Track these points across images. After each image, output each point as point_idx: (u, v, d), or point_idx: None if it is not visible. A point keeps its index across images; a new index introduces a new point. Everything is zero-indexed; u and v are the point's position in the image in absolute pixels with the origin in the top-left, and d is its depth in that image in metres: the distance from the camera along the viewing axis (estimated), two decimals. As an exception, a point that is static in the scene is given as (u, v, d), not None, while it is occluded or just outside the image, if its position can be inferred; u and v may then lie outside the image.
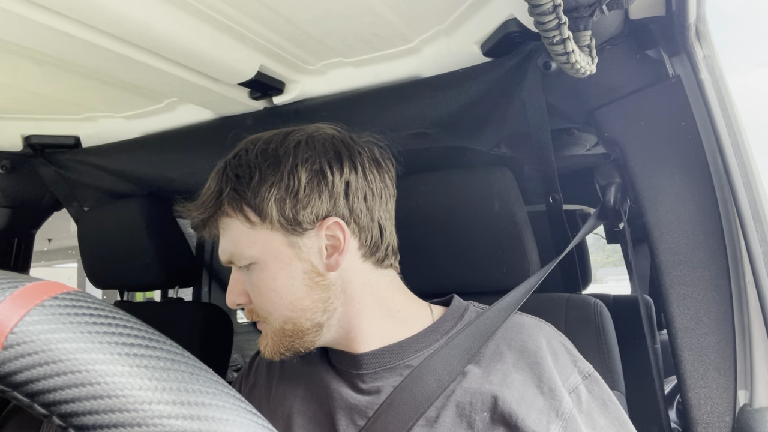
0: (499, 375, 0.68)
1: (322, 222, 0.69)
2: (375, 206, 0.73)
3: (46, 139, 1.35)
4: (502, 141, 1.08)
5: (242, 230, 0.71)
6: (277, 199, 0.68)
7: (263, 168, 0.70)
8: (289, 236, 0.69)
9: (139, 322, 0.29)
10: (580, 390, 0.68)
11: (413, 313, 0.77)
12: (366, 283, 0.73)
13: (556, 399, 0.65)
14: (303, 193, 0.68)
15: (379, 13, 0.84)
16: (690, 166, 0.84)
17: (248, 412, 0.28)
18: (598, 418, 0.66)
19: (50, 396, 0.26)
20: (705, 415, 0.78)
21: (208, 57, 0.90)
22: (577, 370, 0.70)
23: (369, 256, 0.73)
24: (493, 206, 0.95)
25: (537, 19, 0.62)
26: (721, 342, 0.79)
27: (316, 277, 0.70)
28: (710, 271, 0.81)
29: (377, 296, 0.74)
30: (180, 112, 1.21)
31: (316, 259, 0.70)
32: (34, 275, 0.31)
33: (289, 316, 0.70)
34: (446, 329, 0.75)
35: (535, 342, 0.71)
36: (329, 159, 0.71)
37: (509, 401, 0.65)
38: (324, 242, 0.70)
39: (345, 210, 0.70)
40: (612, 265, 10.06)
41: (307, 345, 0.73)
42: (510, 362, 0.70)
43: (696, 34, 0.85)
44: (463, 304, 0.80)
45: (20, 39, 0.80)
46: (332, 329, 0.73)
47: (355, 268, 0.72)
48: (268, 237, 0.70)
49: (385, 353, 0.73)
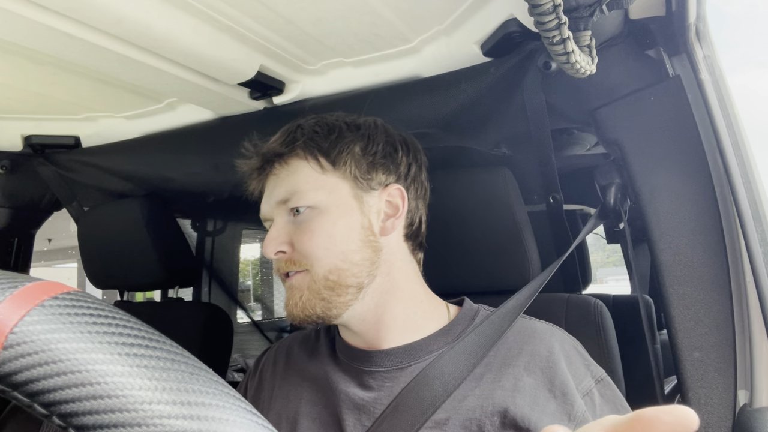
0: (510, 379, 0.68)
1: (387, 186, 0.76)
2: (419, 198, 0.80)
3: (46, 139, 1.35)
4: (502, 141, 1.08)
5: (311, 173, 0.74)
6: (355, 153, 0.75)
7: (344, 128, 0.77)
8: (356, 190, 0.74)
9: (139, 322, 0.29)
10: (594, 394, 0.68)
11: (433, 308, 0.79)
12: (404, 261, 0.78)
13: (569, 403, 0.66)
14: (380, 156, 0.76)
15: (379, 13, 0.84)
16: (690, 166, 0.84)
17: (248, 412, 0.28)
18: None
19: (50, 396, 0.26)
20: (705, 415, 0.78)
21: (208, 57, 0.90)
22: (590, 374, 0.71)
23: (409, 238, 0.79)
24: (493, 206, 0.95)
25: (537, 19, 0.62)
26: (721, 342, 0.79)
27: (370, 235, 0.74)
28: (710, 271, 0.81)
29: (409, 279, 0.77)
30: (180, 112, 1.21)
31: (374, 218, 0.75)
32: (34, 275, 0.31)
33: (337, 265, 0.71)
34: (458, 332, 0.76)
35: (547, 346, 0.71)
36: (400, 142, 0.79)
37: (521, 406, 0.65)
38: (384, 206, 0.75)
39: (405, 186, 0.77)
40: (612, 265, 10.05)
41: (341, 308, 0.72)
42: (521, 366, 0.70)
43: (696, 34, 0.85)
44: (474, 306, 0.80)
45: (20, 39, 0.80)
46: (366, 299, 0.74)
47: (399, 243, 0.77)
48: (337, 184, 0.74)
49: (400, 353, 0.73)
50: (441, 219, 0.98)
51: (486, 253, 0.95)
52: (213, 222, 2.13)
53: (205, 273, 2.19)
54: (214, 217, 2.12)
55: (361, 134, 0.77)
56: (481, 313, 0.78)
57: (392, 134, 0.80)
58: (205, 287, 2.20)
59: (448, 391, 0.68)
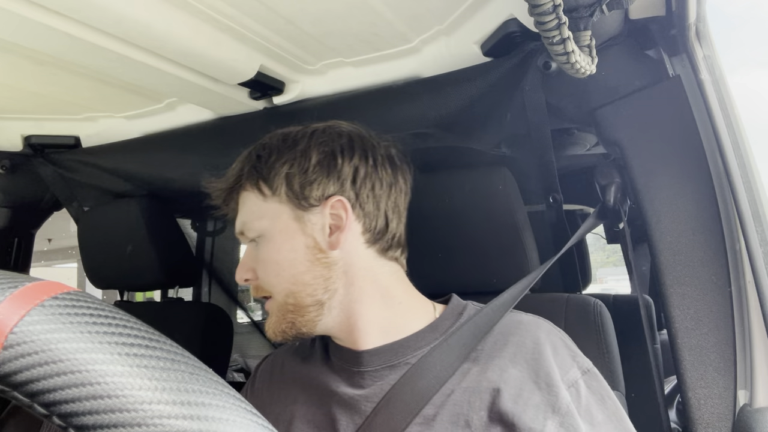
0: (496, 371, 0.69)
1: (327, 200, 0.73)
2: (383, 197, 0.77)
3: (46, 139, 1.35)
4: (502, 141, 1.08)
5: (256, 202, 0.76)
6: (287, 174, 0.74)
7: (281, 148, 0.76)
8: (296, 210, 0.74)
9: (139, 322, 0.29)
10: (579, 385, 0.68)
11: (415, 308, 0.78)
12: (368, 268, 0.75)
13: (553, 394, 0.65)
14: (312, 171, 0.74)
15: (379, 13, 0.84)
16: (690, 166, 0.84)
17: (248, 412, 0.28)
18: (596, 414, 0.66)
19: (50, 396, 0.26)
20: (705, 415, 0.78)
21: (208, 57, 0.90)
22: (576, 365, 0.70)
23: (372, 242, 0.76)
24: (493, 206, 0.95)
25: (537, 19, 0.62)
26: (721, 342, 0.79)
27: (318, 253, 0.73)
28: (710, 271, 0.81)
29: (378, 284, 0.76)
30: (180, 112, 1.21)
31: (319, 235, 0.73)
32: (34, 275, 0.31)
33: (291, 289, 0.73)
34: (446, 327, 0.75)
35: (533, 337, 0.72)
36: (342, 145, 0.76)
37: (506, 398, 0.65)
38: (328, 220, 0.73)
39: (351, 193, 0.74)
40: (612, 265, 10.06)
41: (309, 325, 0.74)
42: (507, 357, 0.70)
43: (696, 34, 0.85)
44: (462, 302, 0.80)
45: (20, 39, 0.80)
46: (333, 312, 0.74)
47: (358, 251, 0.75)
48: (277, 210, 0.74)
49: (387, 351, 0.74)
50: (441, 219, 0.98)
51: (485, 253, 0.95)
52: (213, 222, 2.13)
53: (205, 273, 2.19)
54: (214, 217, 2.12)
55: (293, 152, 0.75)
56: (468, 309, 0.78)
57: (332, 140, 0.76)
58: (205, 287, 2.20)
59: (436, 386, 0.69)
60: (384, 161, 0.78)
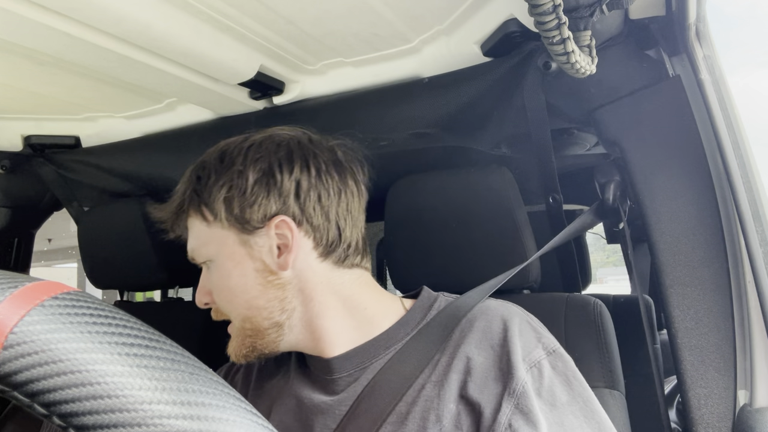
0: (463, 359, 0.67)
1: (270, 221, 0.70)
2: (331, 206, 0.73)
3: (46, 139, 1.35)
4: (502, 141, 1.08)
5: (200, 228, 0.74)
6: (225, 198, 0.70)
7: (218, 169, 0.72)
8: (240, 235, 0.71)
9: (139, 322, 0.29)
10: (543, 365, 0.66)
11: (382, 309, 0.75)
12: (326, 282, 0.73)
13: (510, 375, 0.64)
14: (250, 192, 0.70)
15: (379, 13, 0.84)
16: (690, 165, 0.84)
17: (248, 412, 0.28)
18: (560, 394, 0.64)
19: (50, 396, 0.26)
20: (705, 415, 0.78)
21: (208, 57, 0.90)
22: (541, 345, 0.68)
23: (326, 255, 0.73)
24: (493, 206, 0.95)
25: (537, 19, 0.62)
26: (721, 342, 0.79)
27: (269, 275, 0.71)
28: (710, 271, 0.81)
29: (339, 295, 0.73)
30: (180, 112, 1.21)
31: (267, 257, 0.70)
32: (34, 275, 0.31)
33: (246, 314, 0.71)
34: (416, 321, 0.74)
35: (498, 321, 0.70)
36: (279, 159, 0.71)
37: (472, 387, 0.65)
38: (275, 241, 0.70)
39: (296, 209, 0.71)
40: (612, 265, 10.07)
41: (270, 347, 0.73)
42: (474, 344, 0.68)
43: (696, 34, 0.85)
44: (433, 294, 0.78)
45: (20, 39, 0.80)
46: (295, 330, 0.73)
47: (312, 267, 0.72)
48: (221, 235, 0.71)
49: (356, 354, 0.72)
50: (441, 219, 0.98)
51: (485, 253, 0.95)
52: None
53: (205, 273, 2.18)
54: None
55: (229, 172, 0.71)
56: (439, 300, 0.76)
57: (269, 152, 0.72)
58: (205, 287, 2.20)
59: (408, 382, 0.68)
60: (329, 167, 0.73)
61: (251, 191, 0.70)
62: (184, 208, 0.75)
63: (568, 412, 0.62)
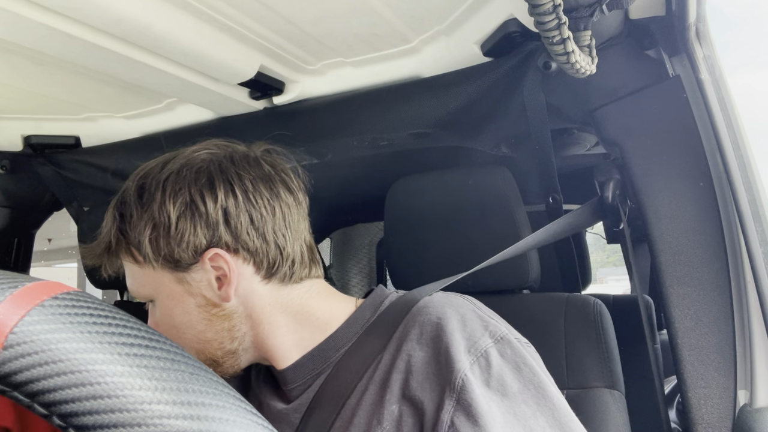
0: (404, 358, 0.64)
1: (203, 255, 0.66)
2: (266, 226, 0.68)
3: (46, 139, 1.35)
4: (502, 141, 1.08)
5: (134, 269, 0.70)
6: (151, 239, 0.66)
7: (138, 205, 0.68)
8: (174, 273, 0.67)
9: (139, 322, 0.29)
10: (490, 353, 0.62)
11: (334, 313, 0.73)
12: (274, 303, 0.70)
13: (449, 370, 0.60)
14: (175, 229, 0.65)
15: (379, 13, 0.84)
16: (690, 165, 0.84)
17: (248, 412, 0.28)
18: (510, 383, 0.60)
19: (50, 396, 0.26)
20: (705, 415, 0.78)
21: (208, 57, 0.90)
22: (488, 333, 0.64)
23: (270, 276, 0.69)
24: (493, 206, 0.95)
25: (537, 19, 0.62)
26: (721, 342, 0.79)
27: (212, 309, 0.68)
28: (710, 271, 0.81)
29: (290, 311, 0.71)
30: (180, 112, 1.21)
31: (208, 291, 0.67)
32: (34, 275, 0.31)
33: (196, 348, 0.69)
34: (363, 321, 0.71)
35: (438, 313, 0.66)
36: (200, 188, 0.67)
37: (413, 386, 0.62)
38: (212, 274, 0.67)
39: (227, 238, 0.66)
40: (612, 265, 10.07)
41: (231, 371, 0.71)
42: (414, 340, 0.65)
43: (696, 34, 0.85)
44: (385, 292, 0.75)
45: (20, 39, 0.80)
46: (249, 351, 0.71)
47: (257, 291, 0.69)
48: (155, 275, 0.68)
49: (307, 361, 0.70)
50: (440, 219, 0.98)
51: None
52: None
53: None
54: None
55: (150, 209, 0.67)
56: (390, 298, 0.73)
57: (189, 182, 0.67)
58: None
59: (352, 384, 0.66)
60: (256, 185, 0.69)
61: (176, 227, 0.65)
62: (112, 249, 0.71)
63: (520, 401, 0.59)
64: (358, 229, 2.14)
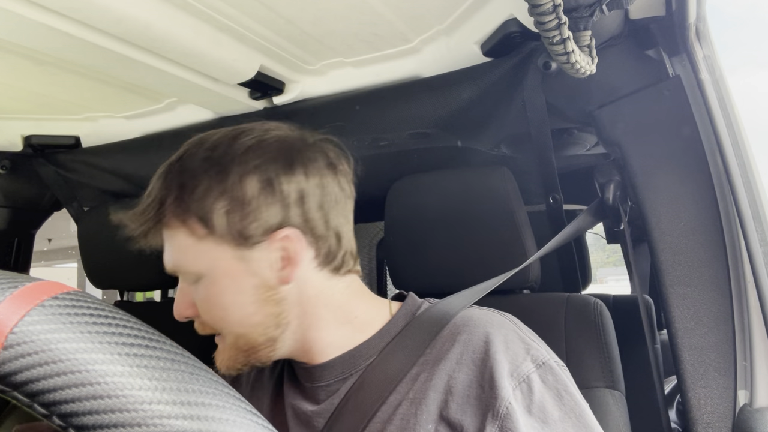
0: (443, 377, 0.63)
1: (273, 234, 0.64)
2: (331, 213, 0.68)
3: (46, 139, 1.35)
4: (502, 141, 1.08)
5: (187, 243, 0.66)
6: (225, 212, 0.64)
7: (209, 175, 0.65)
8: (238, 250, 0.65)
9: (139, 322, 0.29)
10: (532, 379, 0.61)
11: (371, 316, 0.72)
12: (321, 293, 0.69)
13: (494, 396, 0.59)
14: (252, 205, 0.64)
15: (379, 13, 0.84)
16: (690, 166, 0.84)
17: (248, 412, 0.28)
18: (551, 410, 0.60)
19: (50, 396, 0.26)
20: (705, 415, 0.78)
21: (208, 57, 0.90)
22: (530, 358, 0.63)
23: (325, 264, 0.69)
24: (493, 206, 0.95)
25: (537, 19, 0.62)
26: (721, 342, 0.79)
27: (267, 291, 0.66)
28: (710, 271, 0.81)
29: (333, 305, 0.70)
30: (180, 112, 1.21)
31: (267, 272, 0.65)
32: (34, 275, 0.31)
33: (239, 332, 0.67)
34: (397, 330, 0.70)
35: (481, 334, 0.65)
36: (279, 165, 0.65)
37: (453, 408, 0.61)
38: (276, 254, 0.65)
39: (298, 220, 0.65)
40: (612, 265, 10.07)
41: (263, 359, 0.69)
42: (455, 359, 0.64)
43: (696, 34, 0.85)
44: (418, 301, 0.74)
45: (20, 39, 0.80)
46: (288, 342, 0.69)
47: (311, 278, 0.68)
48: (215, 251, 0.65)
49: (338, 363, 0.69)
50: (440, 219, 0.98)
51: (485, 253, 0.95)
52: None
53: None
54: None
55: (224, 182, 0.64)
56: (424, 307, 0.72)
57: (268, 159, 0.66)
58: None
59: (382, 397, 0.64)
60: (326, 171, 0.68)
61: (253, 204, 0.64)
62: (165, 219, 0.67)
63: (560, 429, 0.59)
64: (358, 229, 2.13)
